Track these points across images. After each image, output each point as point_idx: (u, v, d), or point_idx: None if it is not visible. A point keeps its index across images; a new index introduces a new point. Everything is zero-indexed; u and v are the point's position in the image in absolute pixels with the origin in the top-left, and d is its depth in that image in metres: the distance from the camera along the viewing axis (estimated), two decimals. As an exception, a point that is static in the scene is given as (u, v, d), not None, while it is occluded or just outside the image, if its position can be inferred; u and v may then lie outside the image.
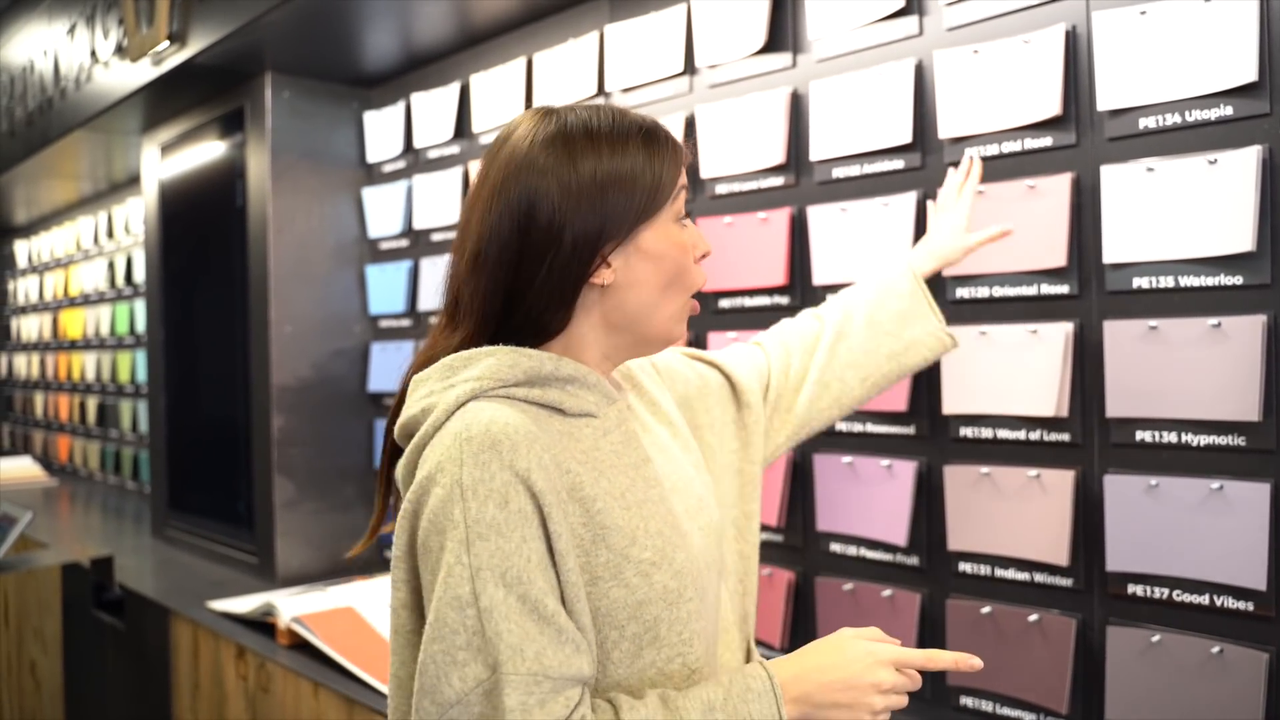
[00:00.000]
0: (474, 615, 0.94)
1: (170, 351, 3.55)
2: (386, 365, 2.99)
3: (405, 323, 2.95)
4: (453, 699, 0.94)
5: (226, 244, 3.12)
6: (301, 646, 2.27)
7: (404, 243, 2.95)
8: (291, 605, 2.35)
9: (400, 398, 1.12)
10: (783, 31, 1.98)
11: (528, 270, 1.06)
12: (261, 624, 2.42)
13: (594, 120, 1.09)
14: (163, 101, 3.24)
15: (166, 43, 2.80)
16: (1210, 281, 1.47)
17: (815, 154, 1.91)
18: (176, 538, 3.47)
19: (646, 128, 1.10)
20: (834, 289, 1.89)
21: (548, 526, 0.98)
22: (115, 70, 3.20)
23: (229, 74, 2.94)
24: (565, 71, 2.41)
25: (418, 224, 2.86)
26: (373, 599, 2.42)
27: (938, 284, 1.76)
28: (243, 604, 2.52)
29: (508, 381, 1.04)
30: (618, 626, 1.03)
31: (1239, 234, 1.44)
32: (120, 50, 3.14)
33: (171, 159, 3.44)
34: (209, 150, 3.23)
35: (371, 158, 3.04)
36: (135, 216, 4.58)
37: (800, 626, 1.99)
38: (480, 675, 0.93)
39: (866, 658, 1.03)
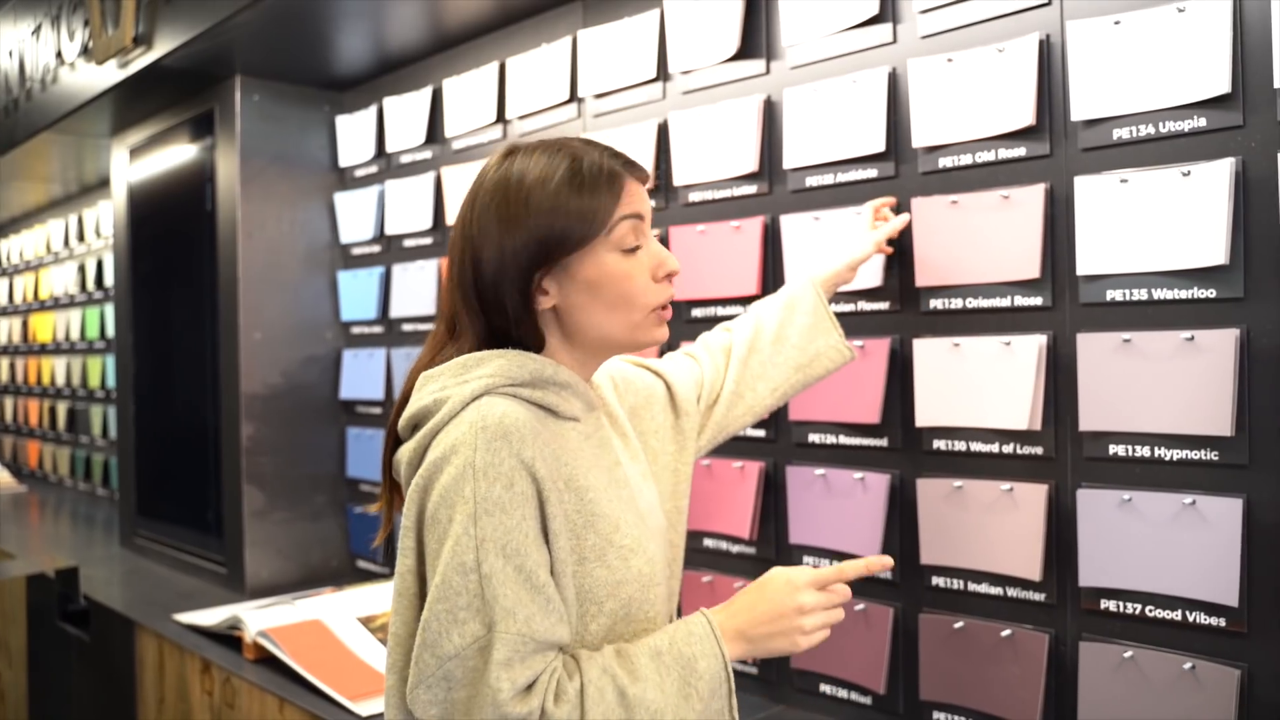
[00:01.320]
0: (476, 580, 1.06)
1: (139, 357, 3.50)
2: (358, 372, 2.95)
3: (377, 329, 2.92)
4: (451, 653, 1.06)
5: (196, 248, 3.07)
6: (268, 661, 2.23)
7: (376, 248, 2.91)
8: (258, 618, 2.32)
9: (405, 396, 1.23)
10: (756, 38, 1.96)
11: (488, 297, 1.20)
12: (228, 637, 2.38)
13: (534, 163, 1.20)
14: (131, 104, 3.19)
15: (133, 45, 2.76)
16: (1184, 294, 1.46)
17: (789, 162, 1.89)
18: (145, 547, 3.42)
19: (578, 170, 1.19)
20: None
21: (545, 509, 1.11)
22: (82, 72, 3.16)
23: (198, 77, 2.90)
24: (538, 77, 2.38)
25: (390, 229, 2.83)
26: (341, 612, 2.38)
27: (912, 295, 1.75)
28: (209, 617, 2.48)
29: (515, 380, 1.16)
30: (597, 603, 1.16)
31: (1212, 247, 1.42)
32: (86, 52, 3.09)
33: (141, 162, 3.40)
34: (178, 153, 3.18)
35: (343, 162, 3.00)
36: (106, 219, 4.53)
37: (773, 640, 1.97)
38: (478, 633, 1.06)
39: (785, 587, 1.18)
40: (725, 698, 1.16)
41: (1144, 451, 1.50)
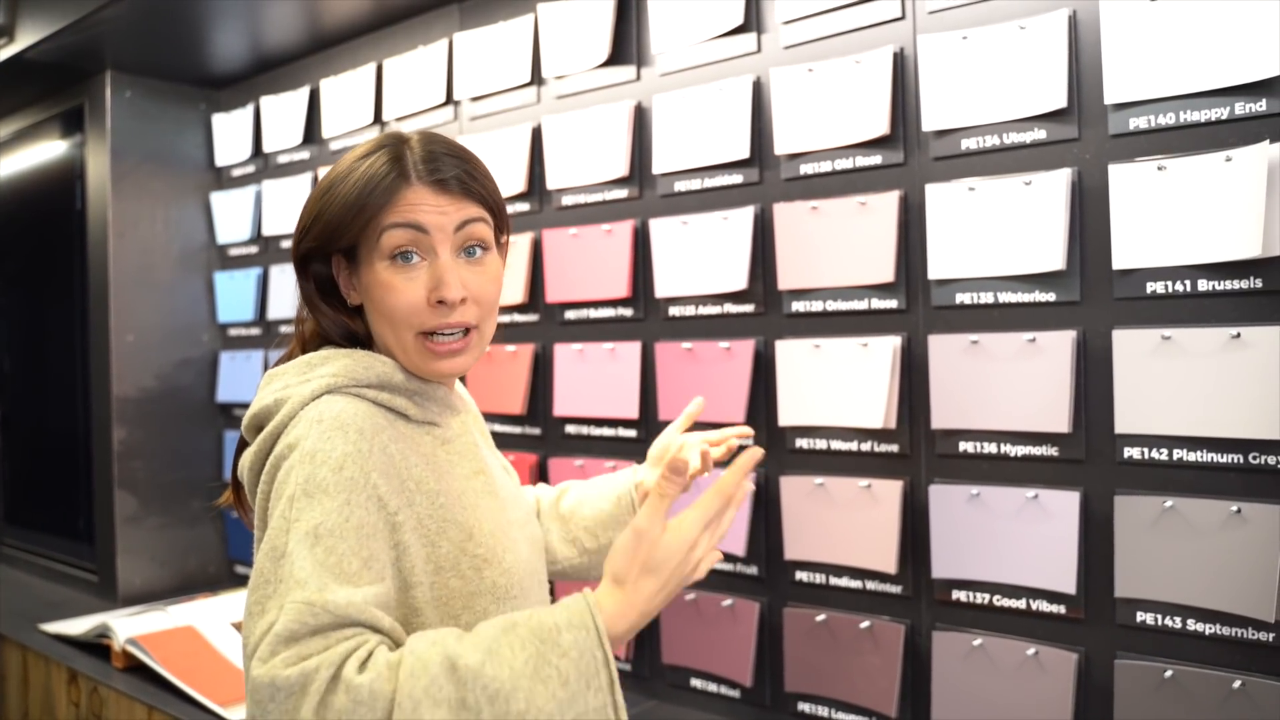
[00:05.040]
0: (284, 566, 0.95)
1: (5, 359, 3.39)
2: (236, 375, 2.90)
3: (255, 331, 2.87)
4: (250, 649, 0.92)
5: (65, 248, 2.98)
6: (138, 669, 2.18)
7: (253, 249, 2.86)
8: (128, 626, 2.26)
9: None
10: (627, 45, 1.99)
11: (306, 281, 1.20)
12: (97, 647, 2.32)
13: (355, 151, 1.16)
14: (-6, 97, 3.09)
15: (-6, 37, 2.67)
16: (1026, 298, 1.53)
17: (658, 167, 1.93)
18: (13, 555, 3.31)
19: (363, 164, 1.12)
20: (675, 302, 1.92)
21: (387, 507, 1.03)
22: (-59, 64, 3.03)
23: (66, 71, 2.81)
24: (415, 79, 2.37)
25: (267, 230, 2.78)
26: (215, 617, 2.34)
27: (775, 298, 1.80)
28: (77, 625, 2.41)
29: (360, 381, 1.10)
30: (454, 616, 1.09)
31: (1051, 253, 1.50)
32: (-55, 43, 2.98)
33: (6, 158, 3.28)
34: (46, 150, 3.08)
35: (220, 161, 2.94)
36: (-27, 217, 4.35)
37: (645, 637, 2.00)
38: (271, 620, 0.92)
39: (683, 548, 1.02)
40: (606, 690, 0.95)
41: (991, 448, 1.57)
